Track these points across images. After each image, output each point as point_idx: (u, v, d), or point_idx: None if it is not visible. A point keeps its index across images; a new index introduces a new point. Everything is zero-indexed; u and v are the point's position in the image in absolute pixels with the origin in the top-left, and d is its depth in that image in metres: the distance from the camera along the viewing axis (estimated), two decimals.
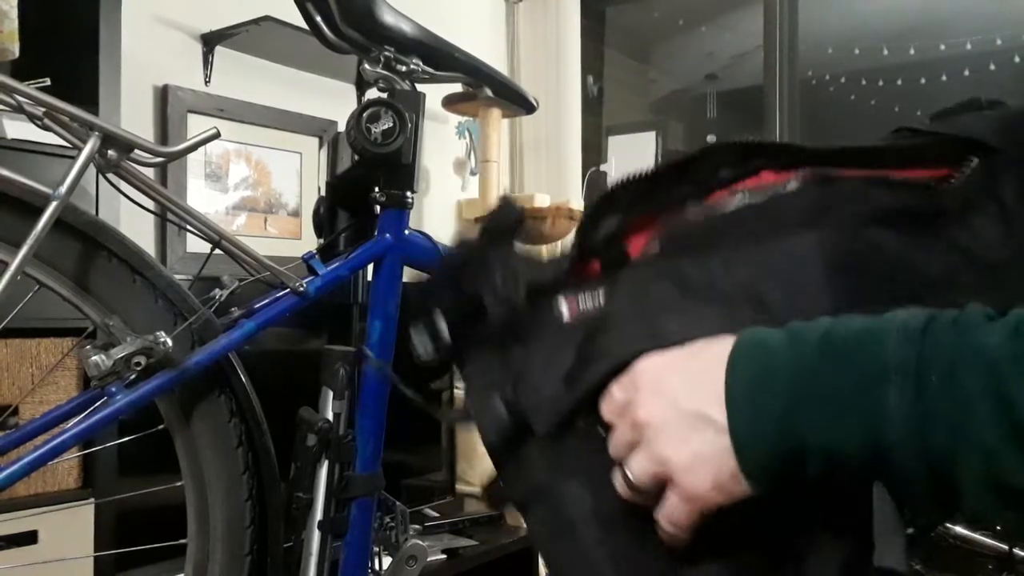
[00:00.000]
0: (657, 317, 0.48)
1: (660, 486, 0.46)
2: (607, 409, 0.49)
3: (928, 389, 0.38)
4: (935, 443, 0.37)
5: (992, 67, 2.78)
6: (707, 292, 0.48)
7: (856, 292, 0.46)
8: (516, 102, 1.20)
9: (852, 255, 0.47)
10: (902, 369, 0.38)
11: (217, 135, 0.80)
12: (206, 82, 2.10)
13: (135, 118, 1.93)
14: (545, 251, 2.57)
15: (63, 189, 0.73)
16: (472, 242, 0.60)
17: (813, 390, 0.40)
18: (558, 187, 2.85)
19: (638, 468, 0.46)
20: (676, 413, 0.44)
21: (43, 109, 0.74)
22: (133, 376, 0.80)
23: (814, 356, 0.41)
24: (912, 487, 0.39)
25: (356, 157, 0.95)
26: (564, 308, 0.53)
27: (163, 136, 2.01)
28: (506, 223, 0.60)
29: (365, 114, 0.92)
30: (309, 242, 2.19)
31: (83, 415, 0.80)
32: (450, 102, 2.53)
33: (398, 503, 1.07)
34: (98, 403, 0.80)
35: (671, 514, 0.45)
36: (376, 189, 0.99)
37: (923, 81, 2.92)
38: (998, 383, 0.36)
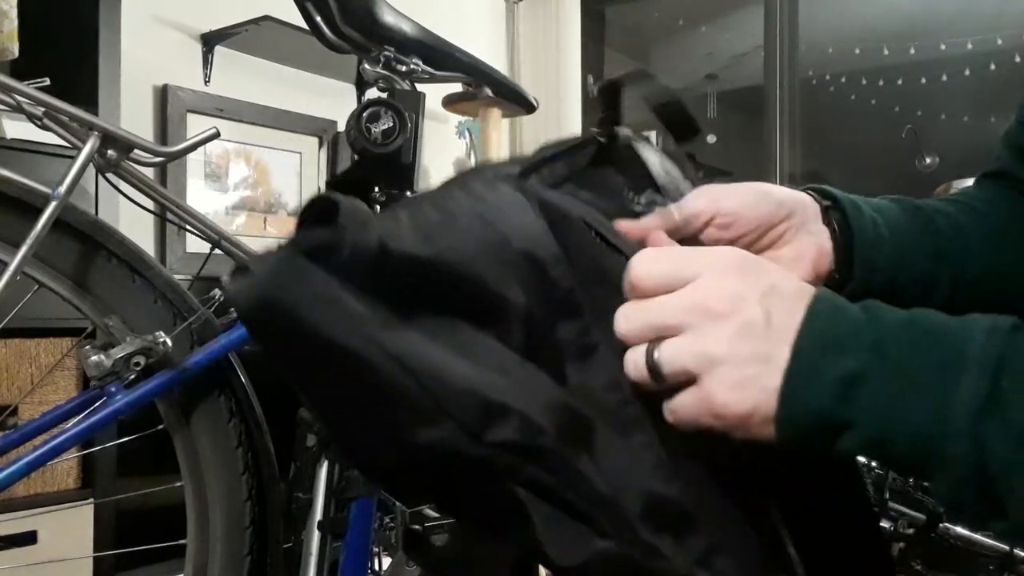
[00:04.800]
0: None
1: (679, 380, 0.43)
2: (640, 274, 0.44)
3: (1001, 392, 0.36)
4: (995, 448, 0.36)
5: (992, 67, 2.78)
6: None
7: None
8: (516, 102, 1.20)
9: None
10: (980, 362, 0.37)
11: (217, 135, 0.80)
12: (206, 82, 2.10)
13: (135, 118, 1.92)
14: None
15: (63, 189, 0.73)
16: None
17: (885, 363, 0.38)
18: None
19: (671, 357, 0.42)
20: (747, 348, 0.41)
21: (43, 109, 0.74)
22: (133, 376, 0.80)
23: (895, 330, 0.39)
24: (956, 487, 0.37)
25: (356, 157, 0.95)
26: None
27: (163, 136, 2.01)
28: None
29: (365, 114, 0.92)
30: None
31: (82, 415, 0.80)
32: (450, 102, 2.52)
33: (398, 503, 1.07)
34: (97, 403, 0.80)
35: (680, 409, 0.43)
36: (376, 189, 0.99)
37: (923, 81, 2.91)
38: None
